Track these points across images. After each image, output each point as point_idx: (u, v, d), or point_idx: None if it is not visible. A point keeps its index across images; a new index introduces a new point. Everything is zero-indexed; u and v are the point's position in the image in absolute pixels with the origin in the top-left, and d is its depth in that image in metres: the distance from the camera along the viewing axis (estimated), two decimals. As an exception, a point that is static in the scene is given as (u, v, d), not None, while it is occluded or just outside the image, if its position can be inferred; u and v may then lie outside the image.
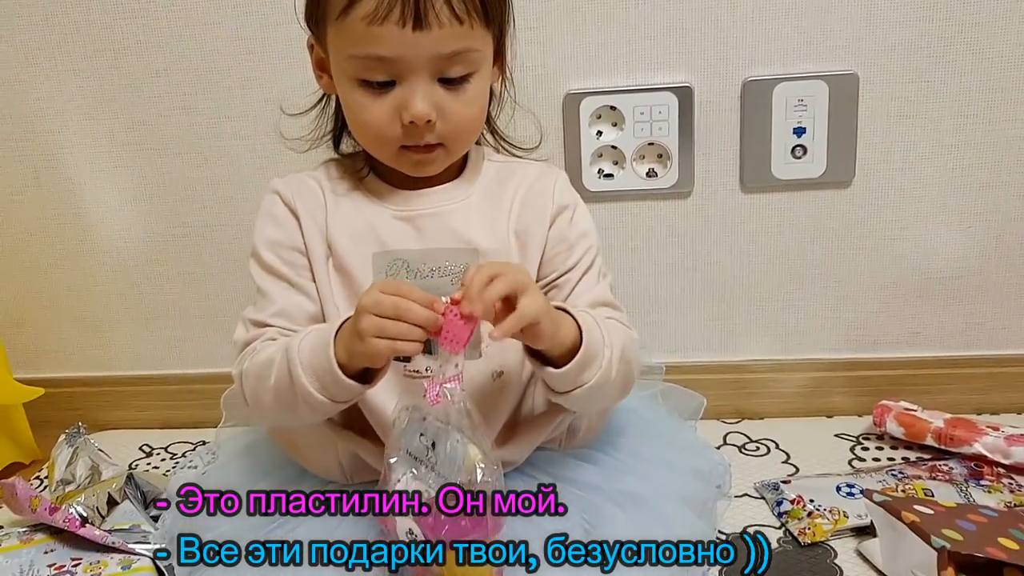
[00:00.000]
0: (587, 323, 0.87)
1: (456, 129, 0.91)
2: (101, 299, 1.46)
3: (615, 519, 0.94)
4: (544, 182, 1.00)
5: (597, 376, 0.86)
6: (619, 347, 0.89)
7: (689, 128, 1.27)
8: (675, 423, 1.15)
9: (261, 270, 0.97)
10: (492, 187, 1.00)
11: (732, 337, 1.39)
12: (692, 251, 1.34)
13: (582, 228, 1.00)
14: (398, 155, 0.93)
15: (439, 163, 0.95)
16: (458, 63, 0.88)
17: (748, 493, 1.19)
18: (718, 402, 1.35)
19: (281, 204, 0.99)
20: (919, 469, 1.18)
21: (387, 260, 0.93)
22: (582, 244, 0.99)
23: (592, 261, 0.99)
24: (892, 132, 1.26)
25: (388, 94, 0.89)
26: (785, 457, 1.28)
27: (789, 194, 1.30)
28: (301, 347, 0.85)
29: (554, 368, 0.85)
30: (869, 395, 1.34)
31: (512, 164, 1.03)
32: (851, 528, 1.07)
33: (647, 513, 0.96)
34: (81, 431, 1.29)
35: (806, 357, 1.38)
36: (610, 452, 1.04)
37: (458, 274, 0.91)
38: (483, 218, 0.97)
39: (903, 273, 1.33)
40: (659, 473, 1.02)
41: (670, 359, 1.32)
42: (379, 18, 0.84)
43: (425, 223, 0.96)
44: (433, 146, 0.92)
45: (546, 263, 0.98)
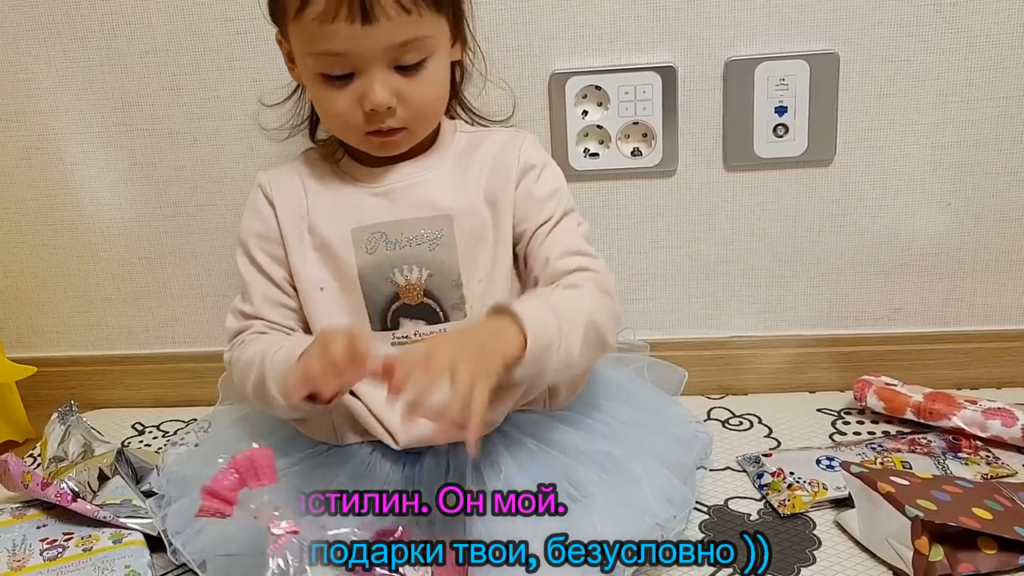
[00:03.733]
0: (535, 322, 0.85)
1: (417, 112, 0.96)
2: (93, 278, 1.46)
3: (594, 481, 0.96)
4: (511, 145, 1.03)
5: (552, 367, 0.88)
6: (580, 324, 0.89)
7: (673, 107, 1.28)
8: (657, 394, 1.16)
9: (247, 262, 1.03)
10: (463, 156, 1.03)
11: (716, 314, 1.39)
12: (676, 229, 1.35)
13: (552, 185, 1.02)
14: (364, 139, 0.97)
15: (404, 143, 0.99)
16: (411, 50, 0.92)
17: (730, 466, 1.20)
18: (702, 378, 1.37)
19: (261, 196, 1.04)
20: (898, 442, 1.20)
21: (366, 234, 0.99)
22: (552, 200, 1.01)
23: (563, 215, 1.01)
24: (872, 111, 1.27)
25: (349, 85, 0.93)
26: (767, 431, 1.29)
27: (771, 172, 1.31)
28: (274, 360, 0.91)
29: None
30: (851, 370, 1.35)
31: (481, 133, 1.07)
32: (830, 500, 1.08)
33: (626, 476, 0.98)
34: (73, 409, 1.29)
35: (789, 333, 1.39)
36: (593, 415, 1.05)
37: (433, 240, 0.98)
38: (454, 185, 1.01)
39: (884, 250, 1.34)
40: (639, 436, 1.04)
41: (655, 336, 1.33)
42: (329, 17, 0.88)
43: (399, 195, 1.00)
44: (396, 129, 0.96)
45: (518, 221, 1.01)
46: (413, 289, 1.00)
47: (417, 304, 1.00)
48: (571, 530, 0.90)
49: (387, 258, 0.99)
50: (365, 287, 1.00)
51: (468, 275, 1.00)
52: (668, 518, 0.96)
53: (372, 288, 1.00)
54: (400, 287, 1.00)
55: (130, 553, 1.04)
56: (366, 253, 0.99)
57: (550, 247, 0.99)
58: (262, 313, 1.01)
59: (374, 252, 0.99)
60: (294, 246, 1.01)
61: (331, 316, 1.00)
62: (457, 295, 1.00)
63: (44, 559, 1.04)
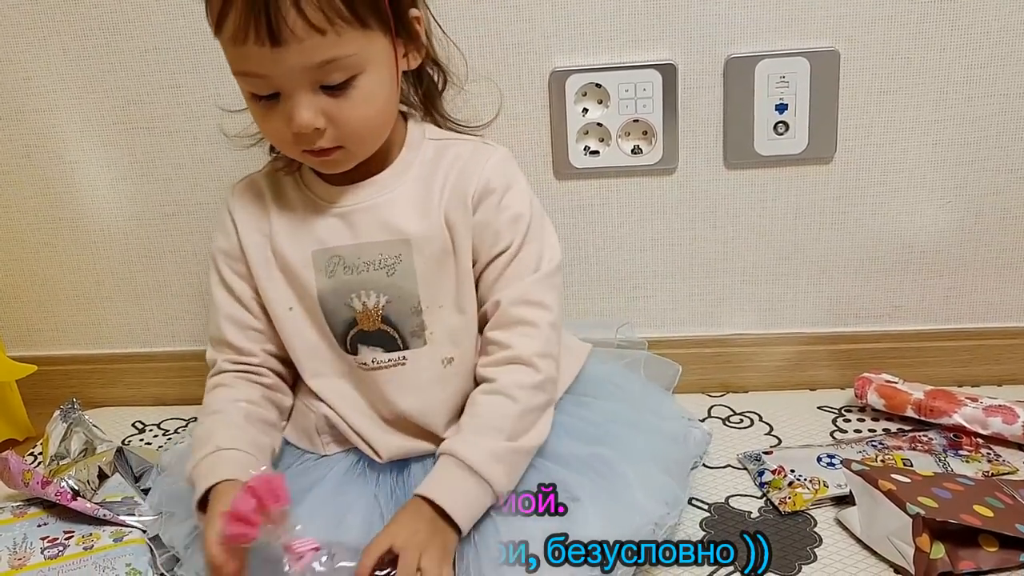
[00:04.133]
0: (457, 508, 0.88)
1: (350, 131, 0.90)
2: (93, 277, 1.46)
3: (583, 486, 0.95)
4: (473, 164, 0.98)
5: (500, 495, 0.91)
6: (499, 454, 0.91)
7: (673, 105, 1.27)
8: (650, 390, 1.15)
9: (216, 279, 1.02)
10: (427, 170, 0.98)
11: (716, 311, 1.39)
12: (677, 226, 1.35)
13: (513, 212, 0.97)
14: (303, 156, 0.93)
15: (345, 162, 0.94)
16: (334, 71, 0.86)
17: (731, 464, 1.20)
18: (702, 375, 1.38)
19: (226, 212, 1.02)
20: (899, 440, 1.19)
21: (325, 256, 0.97)
22: (512, 230, 0.97)
23: (520, 246, 0.97)
24: (873, 108, 1.27)
25: (277, 105, 0.89)
26: (768, 429, 1.29)
27: (771, 170, 1.30)
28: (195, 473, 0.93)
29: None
30: (851, 368, 1.34)
31: (448, 142, 1.01)
32: (831, 497, 1.08)
33: (616, 477, 0.97)
34: (76, 407, 1.29)
35: (789, 331, 1.38)
36: (583, 416, 1.04)
37: (391, 265, 0.95)
38: (415, 206, 0.97)
39: (884, 247, 1.33)
40: (630, 436, 1.02)
41: (655, 333, 1.34)
42: (240, 39, 0.84)
43: (358, 218, 0.97)
44: (331, 149, 0.91)
45: (475, 249, 0.98)
46: (370, 315, 0.98)
47: (374, 331, 0.98)
48: (562, 530, 0.90)
49: (345, 283, 0.97)
50: (325, 310, 0.98)
51: (429, 301, 0.97)
52: (660, 515, 0.95)
53: (332, 312, 0.98)
54: (357, 312, 0.98)
55: (131, 551, 1.04)
56: (325, 276, 0.97)
57: (504, 285, 0.97)
58: (227, 336, 1.00)
59: (333, 275, 0.97)
60: (259, 265, 1.00)
61: (301, 336, 1.00)
62: (416, 322, 0.98)
63: (45, 557, 1.04)
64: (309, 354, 1.00)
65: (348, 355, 0.99)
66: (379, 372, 0.98)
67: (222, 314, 1.01)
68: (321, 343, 1.00)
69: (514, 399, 0.93)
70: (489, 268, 0.98)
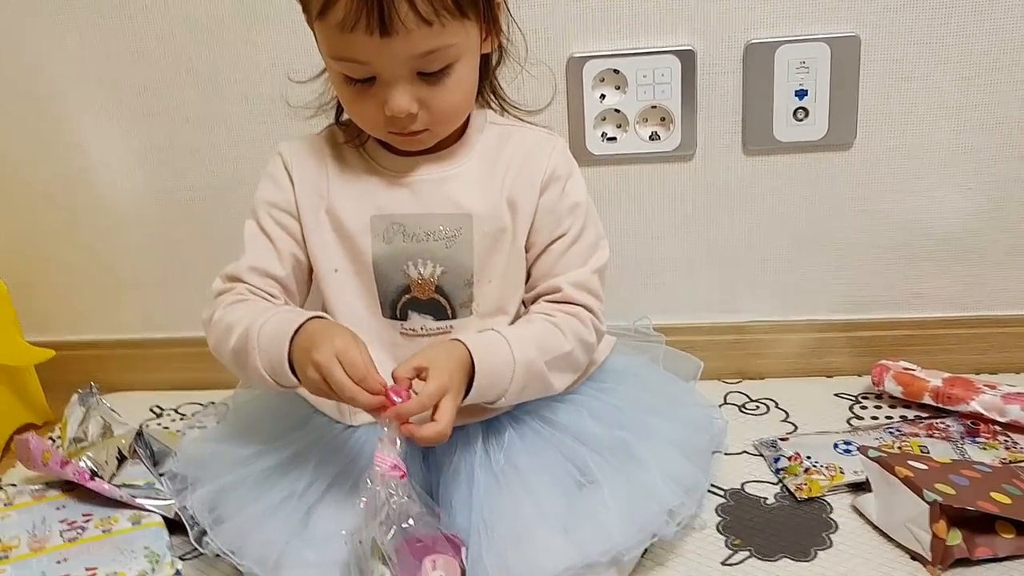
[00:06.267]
0: (483, 356, 0.91)
1: (440, 116, 0.93)
2: (112, 262, 1.47)
3: (601, 466, 0.96)
4: (540, 150, 1.01)
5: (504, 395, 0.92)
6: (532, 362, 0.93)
7: (692, 91, 1.27)
8: (671, 380, 1.15)
9: (254, 227, 1.01)
10: (490, 153, 1.01)
11: (733, 298, 1.39)
12: (694, 213, 1.34)
13: (573, 199, 1.01)
14: (387, 136, 0.96)
15: (428, 142, 0.97)
16: (434, 60, 0.88)
17: (747, 450, 1.20)
18: (719, 363, 1.36)
19: (281, 166, 1.02)
20: (916, 427, 1.19)
21: (385, 223, 0.98)
22: (571, 216, 1.00)
23: (580, 233, 1.00)
24: (893, 94, 1.26)
25: (371, 89, 0.90)
26: (784, 416, 1.29)
27: (791, 156, 1.30)
28: (262, 332, 0.90)
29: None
30: (869, 355, 1.34)
31: (511, 129, 1.03)
32: (847, 484, 1.08)
33: (635, 460, 0.98)
34: (94, 391, 1.29)
35: (807, 318, 1.38)
36: (603, 399, 1.05)
37: (451, 238, 0.97)
38: (478, 184, 0.99)
39: (904, 234, 1.33)
40: (651, 421, 1.03)
41: (672, 321, 1.32)
42: (348, 26, 0.85)
43: (422, 188, 0.99)
44: (418, 131, 0.93)
45: (534, 231, 1.00)
46: (425, 284, 0.99)
47: (427, 299, 0.99)
48: (577, 516, 0.92)
49: (403, 250, 0.98)
50: (378, 275, 1.00)
51: (480, 275, 0.99)
52: (678, 504, 0.96)
53: (385, 277, 0.99)
54: (412, 280, 0.99)
55: (149, 534, 1.05)
56: (383, 242, 0.98)
57: (563, 269, 1.00)
58: (246, 278, 0.99)
59: (391, 242, 0.98)
60: (310, 224, 1.00)
61: (344, 298, 1.00)
62: (467, 294, 1.00)
63: (64, 540, 1.05)
64: (349, 317, 0.99)
65: (396, 320, 1.00)
66: (424, 339, 1.00)
67: (249, 262, 1.00)
68: (362, 307, 1.01)
69: (565, 338, 0.96)
70: (547, 251, 1.00)
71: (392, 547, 0.81)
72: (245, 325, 0.91)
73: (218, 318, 0.96)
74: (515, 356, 0.92)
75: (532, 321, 0.98)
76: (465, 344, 0.91)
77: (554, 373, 0.96)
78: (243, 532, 0.93)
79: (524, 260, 1.02)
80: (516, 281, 1.02)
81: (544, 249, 1.01)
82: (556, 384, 0.97)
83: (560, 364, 0.97)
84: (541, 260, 1.01)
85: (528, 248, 1.01)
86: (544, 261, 1.01)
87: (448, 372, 0.87)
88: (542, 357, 0.94)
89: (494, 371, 0.91)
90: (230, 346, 0.93)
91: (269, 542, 0.91)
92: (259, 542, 0.92)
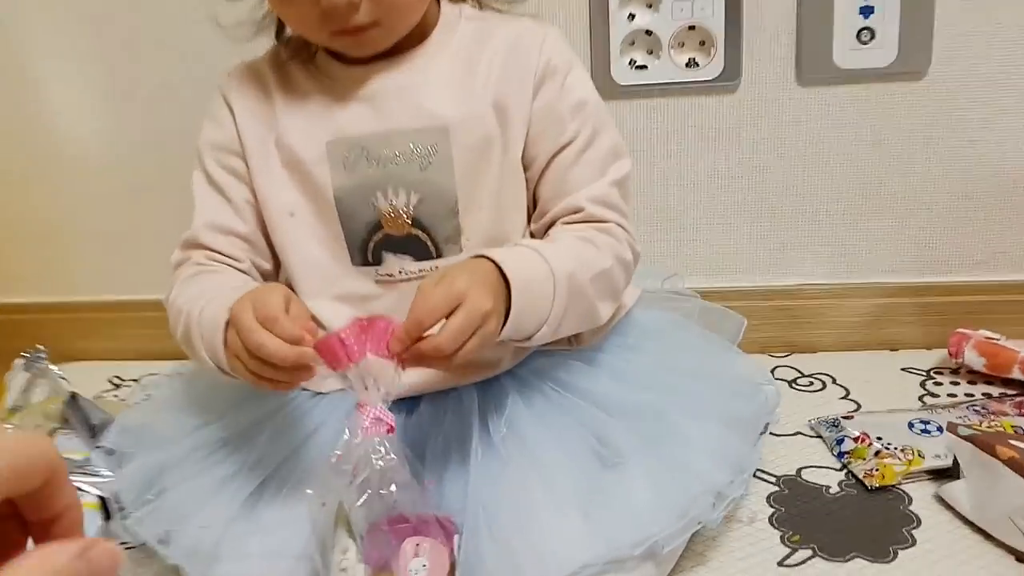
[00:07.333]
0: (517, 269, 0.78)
1: (388, 4, 0.83)
2: (66, 214, 1.39)
3: (629, 440, 0.86)
4: (529, 40, 0.90)
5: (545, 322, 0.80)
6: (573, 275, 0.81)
7: (737, 8, 1.19)
8: (711, 339, 1.06)
9: (201, 177, 0.93)
10: (467, 52, 0.91)
11: (782, 258, 1.31)
12: (737, 156, 1.26)
13: (577, 96, 0.90)
14: (332, 39, 0.86)
15: (380, 41, 0.87)
16: None
17: (801, 431, 1.10)
18: (764, 333, 1.29)
19: (220, 100, 0.93)
20: (1005, 405, 1.09)
21: (344, 148, 0.88)
22: (578, 117, 0.89)
23: (591, 138, 0.90)
24: (976, 13, 1.17)
25: None
26: (843, 393, 1.19)
27: (853, 87, 1.22)
28: (202, 317, 0.81)
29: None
30: (940, 324, 1.26)
31: (493, 22, 0.94)
32: (927, 470, 0.98)
33: (670, 432, 0.88)
34: (41, 356, 1.21)
35: (868, 281, 1.30)
36: (629, 358, 0.95)
37: (425, 157, 0.87)
38: (454, 89, 0.89)
39: (984, 182, 1.25)
40: (688, 385, 0.94)
41: (709, 284, 1.27)
42: None
43: (386, 101, 0.88)
44: (365, 27, 0.83)
45: (533, 141, 0.90)
46: (398, 217, 0.88)
47: (403, 236, 0.89)
48: (600, 498, 0.81)
49: (368, 179, 0.88)
50: (343, 213, 0.89)
51: (468, 201, 0.88)
52: (725, 483, 0.85)
53: (350, 215, 0.89)
54: (383, 214, 0.88)
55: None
56: (344, 171, 0.88)
57: (576, 183, 0.89)
58: (204, 240, 0.91)
59: (353, 171, 0.88)
60: (258, 162, 0.90)
61: (304, 247, 0.91)
62: (452, 225, 0.89)
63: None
64: (310, 270, 0.91)
65: (369, 266, 0.90)
66: (406, 285, 0.89)
67: (203, 219, 0.91)
68: (326, 256, 0.91)
69: (602, 253, 0.85)
70: (553, 164, 0.89)
71: (362, 518, 0.70)
72: (187, 310, 0.83)
73: (172, 299, 0.88)
74: (553, 269, 0.80)
75: (558, 238, 0.87)
76: (490, 257, 0.78)
77: (597, 296, 0.85)
78: (175, 517, 0.84)
79: (523, 179, 0.91)
80: (514, 205, 0.91)
81: (549, 162, 0.90)
82: (601, 311, 0.86)
83: (602, 285, 0.85)
84: (547, 177, 0.90)
85: (529, 164, 0.90)
86: (551, 178, 0.90)
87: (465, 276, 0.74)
88: (583, 272, 0.82)
89: (530, 288, 0.78)
90: (179, 334, 0.85)
91: (204, 529, 0.81)
92: (192, 529, 0.82)
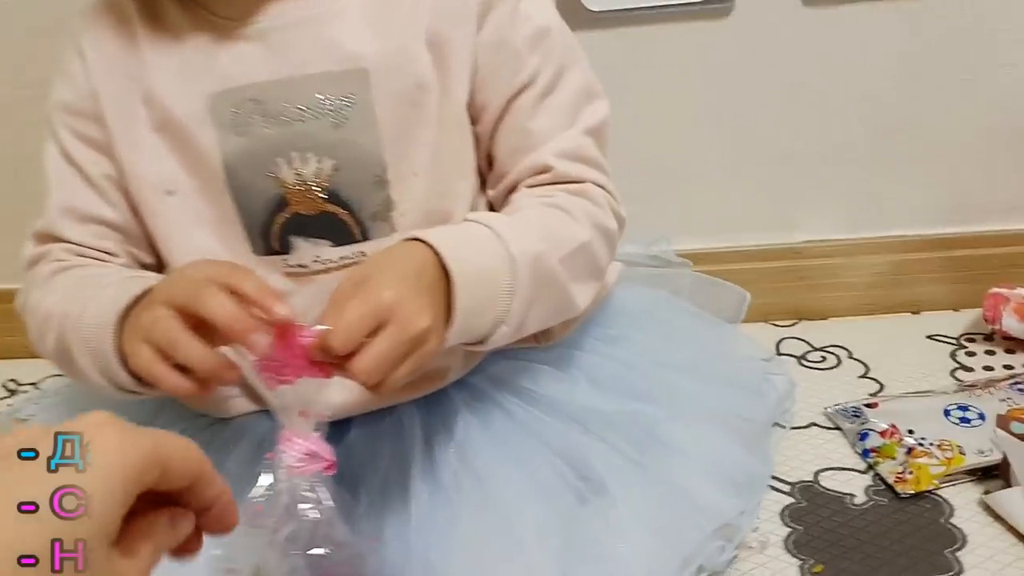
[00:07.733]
0: (458, 253, 0.68)
1: None
2: None
3: (614, 464, 0.79)
4: None
5: (504, 320, 0.70)
6: (539, 258, 0.71)
7: None
8: (707, 323, 1.01)
9: (53, 149, 0.81)
10: None
11: (787, 211, 1.24)
12: (733, 91, 1.18)
13: (536, 24, 0.78)
14: None
15: None
16: None
17: (816, 423, 1.00)
18: (767, 298, 1.20)
19: (71, 48, 0.81)
20: None
21: (231, 102, 0.76)
22: (538, 50, 0.78)
23: (557, 76, 0.79)
24: None
25: None
26: (863, 370, 1.10)
27: (866, 6, 1.12)
28: (83, 319, 0.71)
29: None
30: (971, 282, 1.20)
31: None
32: (968, 471, 0.90)
33: (663, 449, 0.82)
34: None
35: (886, 234, 1.23)
36: (611, 355, 0.88)
37: (339, 111, 0.75)
38: (372, 21, 0.77)
39: (1020, 117, 1.16)
40: (682, 385, 0.88)
41: (702, 245, 1.20)
42: None
43: (284, 38, 0.76)
44: None
45: (481, 85, 0.78)
46: (308, 191, 0.77)
47: (316, 215, 0.77)
48: (580, 553, 0.73)
49: (266, 141, 0.76)
50: (235, 188, 0.78)
51: (398, 165, 0.77)
52: (733, 515, 0.80)
53: (244, 189, 0.78)
54: (288, 188, 0.76)
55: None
56: (233, 134, 0.76)
57: (540, 135, 0.78)
58: (61, 231, 0.79)
59: (246, 132, 0.76)
60: (121, 126, 0.78)
61: (186, 234, 0.79)
62: (381, 198, 0.78)
63: None
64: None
65: (274, 256, 0.79)
66: (325, 277, 0.79)
67: (58, 205, 0.80)
68: (215, 243, 0.79)
69: (577, 222, 0.75)
70: (510, 111, 0.78)
71: None
72: (61, 311, 0.73)
73: (33, 304, 0.77)
74: (512, 251, 0.69)
75: (520, 208, 0.77)
76: (425, 241, 0.68)
77: (572, 279, 0.75)
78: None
79: (469, 135, 0.79)
80: (459, 169, 0.79)
81: (504, 109, 0.78)
82: (577, 298, 0.77)
83: (578, 264, 0.75)
84: (503, 129, 0.78)
85: (478, 115, 0.79)
86: (508, 129, 0.78)
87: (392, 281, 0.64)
88: (553, 252, 0.72)
89: (481, 281, 0.68)
90: (50, 345, 0.75)
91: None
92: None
